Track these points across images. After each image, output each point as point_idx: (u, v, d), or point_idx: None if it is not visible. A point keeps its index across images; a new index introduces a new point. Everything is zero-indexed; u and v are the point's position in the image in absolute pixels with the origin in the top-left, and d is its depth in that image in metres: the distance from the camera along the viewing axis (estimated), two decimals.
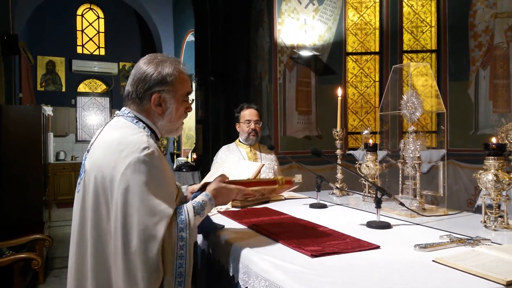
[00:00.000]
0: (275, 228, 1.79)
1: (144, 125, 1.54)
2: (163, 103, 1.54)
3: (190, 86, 1.63)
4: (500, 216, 1.82)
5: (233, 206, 2.35)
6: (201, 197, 1.53)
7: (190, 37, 9.88)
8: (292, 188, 1.89)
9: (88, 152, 1.54)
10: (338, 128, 2.90)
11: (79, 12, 11.44)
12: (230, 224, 1.94)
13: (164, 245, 1.35)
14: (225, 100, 6.95)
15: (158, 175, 1.40)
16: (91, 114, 11.55)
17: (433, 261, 1.35)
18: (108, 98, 11.69)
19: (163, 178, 1.42)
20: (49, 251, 5.32)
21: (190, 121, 8.50)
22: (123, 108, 1.60)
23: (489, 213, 1.84)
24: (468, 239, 1.57)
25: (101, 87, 11.62)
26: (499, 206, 1.83)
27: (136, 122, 1.53)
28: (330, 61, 6.02)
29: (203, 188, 1.63)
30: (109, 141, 1.46)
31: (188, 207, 1.46)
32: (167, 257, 1.36)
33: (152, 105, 1.53)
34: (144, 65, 1.54)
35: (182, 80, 1.57)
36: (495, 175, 1.80)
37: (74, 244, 1.49)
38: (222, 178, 1.66)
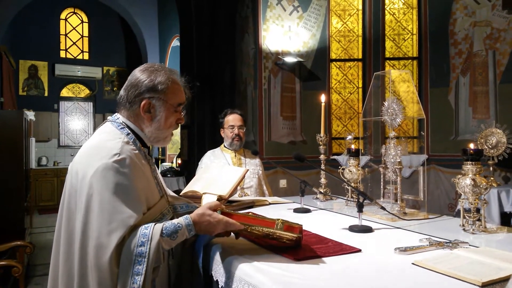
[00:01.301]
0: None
1: (129, 131, 1.55)
2: (152, 110, 1.55)
3: (183, 97, 1.62)
4: (478, 220, 1.87)
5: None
6: (179, 219, 1.44)
7: (176, 42, 9.86)
8: (294, 238, 1.51)
9: None
10: (322, 134, 2.94)
11: (62, 16, 11.32)
12: None
13: (122, 256, 1.32)
14: (210, 105, 6.95)
15: (125, 183, 1.38)
16: (74, 119, 11.41)
17: (412, 263, 1.38)
18: (91, 103, 11.57)
19: (131, 187, 1.39)
20: (31, 258, 5.23)
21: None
22: (115, 114, 1.61)
23: (467, 217, 1.89)
24: (446, 242, 1.61)
25: (85, 91, 11.50)
26: (477, 210, 1.88)
27: (122, 128, 1.54)
28: (314, 68, 6.08)
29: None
30: (88, 145, 1.49)
31: (157, 225, 1.38)
32: (123, 268, 1.31)
33: (141, 111, 1.54)
34: (139, 72, 1.57)
35: (174, 90, 1.58)
36: (473, 179, 1.85)
37: (53, 247, 1.51)
38: (214, 205, 1.51)
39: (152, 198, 1.51)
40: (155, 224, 1.39)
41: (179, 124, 1.65)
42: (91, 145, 1.48)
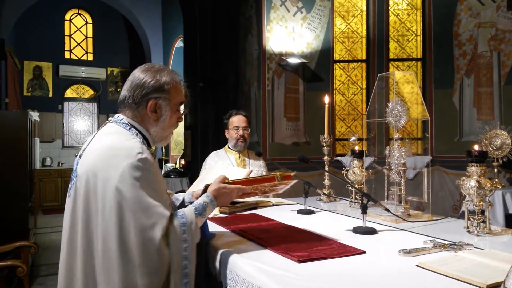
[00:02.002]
0: (263, 234, 1.80)
1: (136, 131, 1.57)
2: (158, 109, 1.58)
3: (183, 96, 1.67)
4: (483, 222, 1.86)
5: (221, 212, 2.36)
6: (202, 199, 1.59)
7: (179, 43, 9.89)
8: (292, 183, 1.85)
9: (80, 157, 1.54)
10: (326, 135, 2.93)
11: (67, 17, 11.37)
12: (218, 230, 1.95)
13: (170, 247, 1.39)
14: (214, 106, 6.97)
15: (152, 180, 1.43)
16: (78, 119, 11.44)
17: (416, 266, 1.37)
18: (95, 104, 11.60)
19: (157, 183, 1.45)
20: (35, 259, 5.25)
21: (179, 127, 8.46)
22: (117, 115, 1.61)
23: (471, 219, 1.88)
24: (451, 244, 1.60)
25: (89, 92, 11.54)
26: (482, 212, 1.87)
27: (129, 128, 1.56)
28: (318, 69, 6.08)
29: (205, 190, 1.67)
30: (102, 146, 1.48)
31: (187, 209, 1.51)
32: (173, 259, 1.40)
33: (148, 111, 1.57)
34: (142, 73, 1.58)
35: (177, 89, 1.62)
36: (478, 181, 1.83)
37: (64, 249, 1.50)
38: (222, 178, 1.69)
39: (167, 195, 1.58)
40: (184, 209, 1.51)
41: (179, 123, 1.70)
42: (107, 146, 1.47)
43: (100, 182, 1.40)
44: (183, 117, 1.71)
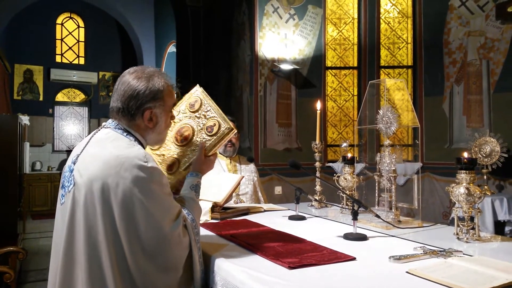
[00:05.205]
0: (254, 240, 1.80)
1: (134, 138, 1.56)
2: (154, 117, 1.57)
3: (175, 97, 1.68)
4: (472, 228, 1.88)
5: (212, 218, 2.35)
6: (193, 179, 1.72)
7: (172, 48, 9.87)
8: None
9: (74, 164, 1.49)
10: (317, 141, 2.94)
11: (58, 21, 11.30)
12: (208, 236, 1.95)
13: (191, 241, 1.53)
14: None
15: (165, 182, 1.51)
16: (69, 123, 11.35)
17: (406, 272, 1.38)
18: (86, 108, 11.53)
19: (166, 185, 1.53)
20: (23, 264, 5.18)
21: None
22: (110, 120, 1.58)
23: (461, 226, 1.90)
24: (440, 251, 1.61)
25: (80, 96, 11.47)
26: (471, 219, 1.89)
27: (127, 135, 1.54)
28: (310, 75, 6.11)
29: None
30: (104, 153, 1.45)
31: (189, 201, 1.64)
32: (194, 250, 1.53)
33: (145, 121, 1.56)
34: (134, 81, 1.54)
35: (169, 92, 1.62)
36: (467, 188, 1.85)
37: (57, 257, 1.46)
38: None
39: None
40: (186, 203, 1.62)
41: (171, 122, 1.72)
42: (110, 153, 1.44)
43: (112, 190, 1.39)
44: (175, 115, 1.76)
